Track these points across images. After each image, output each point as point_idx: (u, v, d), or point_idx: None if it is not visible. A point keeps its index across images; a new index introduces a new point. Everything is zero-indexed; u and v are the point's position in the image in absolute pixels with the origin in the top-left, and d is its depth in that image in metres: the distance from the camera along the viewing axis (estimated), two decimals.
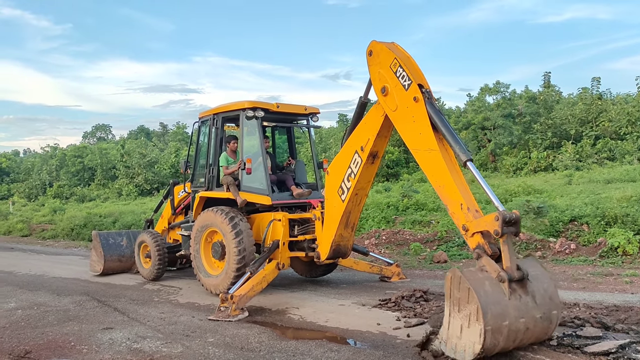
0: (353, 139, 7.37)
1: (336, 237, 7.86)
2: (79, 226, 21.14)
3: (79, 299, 8.84)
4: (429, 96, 6.08)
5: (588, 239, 11.19)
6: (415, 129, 6.15)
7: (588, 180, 20.09)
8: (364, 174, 7.27)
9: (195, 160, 10.20)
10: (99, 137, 77.95)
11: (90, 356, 5.79)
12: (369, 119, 7.10)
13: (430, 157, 5.97)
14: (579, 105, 31.09)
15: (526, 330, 4.94)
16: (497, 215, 5.03)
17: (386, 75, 6.55)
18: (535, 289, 5.08)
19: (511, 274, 4.94)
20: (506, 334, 4.81)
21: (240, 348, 5.90)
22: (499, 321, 4.76)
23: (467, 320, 4.89)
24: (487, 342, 4.70)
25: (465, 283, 4.94)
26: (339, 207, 7.60)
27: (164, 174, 40.23)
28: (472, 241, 5.41)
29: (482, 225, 5.26)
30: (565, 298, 7.50)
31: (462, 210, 5.51)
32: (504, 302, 4.86)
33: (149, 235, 10.53)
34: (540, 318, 5.01)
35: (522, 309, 4.92)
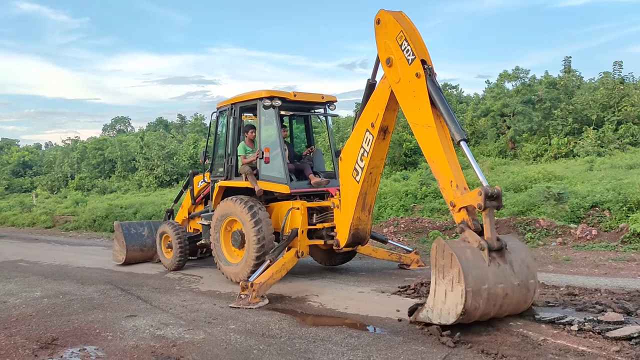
0: (363, 118, 7.45)
1: (354, 221, 7.88)
2: (100, 217, 21.49)
3: (102, 288, 9.02)
4: (430, 73, 6.23)
5: (610, 225, 11.05)
6: (415, 104, 6.33)
7: (610, 166, 19.75)
8: (376, 151, 7.32)
9: (214, 150, 10.28)
10: (119, 129, 78.77)
11: (115, 342, 5.92)
12: (377, 94, 7.19)
13: (426, 133, 6.21)
14: (601, 90, 30.48)
15: (505, 296, 5.40)
16: (480, 190, 5.45)
17: (392, 47, 6.62)
18: (513, 259, 5.54)
19: (491, 244, 5.41)
20: (486, 297, 5.26)
21: (261, 334, 5.98)
22: (479, 284, 5.22)
23: (450, 284, 5.34)
24: (468, 303, 5.15)
25: (448, 250, 5.39)
26: (355, 189, 7.65)
27: (182, 165, 40.54)
28: (457, 216, 5.84)
29: (467, 200, 5.65)
30: (586, 284, 7.45)
31: (452, 187, 5.87)
32: (484, 267, 5.32)
33: (170, 226, 10.67)
34: (518, 285, 5.46)
35: (500, 275, 5.37)
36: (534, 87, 32.32)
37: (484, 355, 4.92)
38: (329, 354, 5.20)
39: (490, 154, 30.55)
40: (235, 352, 5.43)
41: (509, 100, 31.68)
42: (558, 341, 5.16)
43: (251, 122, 9.99)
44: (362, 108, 7.60)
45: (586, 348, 4.93)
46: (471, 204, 5.62)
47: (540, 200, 12.53)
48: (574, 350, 4.92)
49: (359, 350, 5.26)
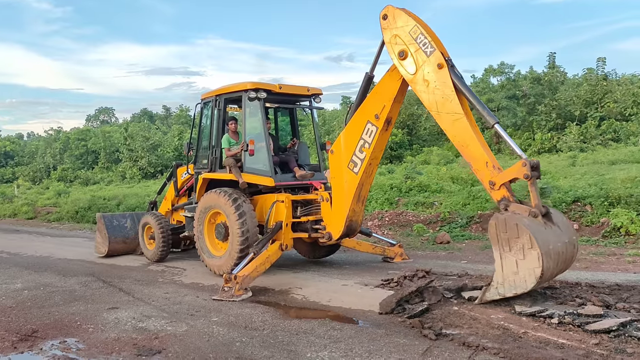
0: (363, 111, 7.58)
1: (350, 213, 7.96)
2: (83, 209, 21.26)
3: (84, 280, 8.93)
4: (451, 64, 6.53)
5: (591, 220, 11.20)
6: (438, 93, 6.54)
7: (592, 161, 20.01)
8: (379, 142, 7.53)
9: (198, 142, 10.20)
10: (102, 120, 77.92)
11: (96, 335, 5.87)
12: (383, 87, 7.36)
13: (455, 120, 6.44)
14: (584, 86, 30.83)
15: (562, 254, 5.82)
16: (524, 162, 5.86)
17: (404, 40, 6.81)
18: (557, 220, 5.99)
19: (541, 209, 5.80)
20: (553, 257, 5.65)
21: (244, 327, 5.97)
22: (547, 246, 5.59)
23: (521, 253, 5.65)
24: (544, 265, 5.49)
25: (511, 221, 5.75)
26: (353, 181, 7.73)
27: (167, 157, 40.25)
28: (497, 194, 6.13)
29: (510, 175, 6.03)
30: (567, 277, 7.54)
31: (488, 167, 6.20)
32: (544, 230, 5.72)
33: (153, 217, 10.58)
34: (568, 242, 5.94)
35: (557, 235, 5.82)
36: (519, 83, 32.61)
37: (465, 347, 4.96)
38: (312, 347, 5.21)
39: None
40: (218, 344, 5.41)
41: (493, 95, 31.93)
42: (538, 334, 5.21)
43: (234, 114, 9.92)
44: (359, 101, 7.69)
45: (566, 341, 4.99)
46: (517, 176, 5.95)
47: (523, 195, 12.62)
48: (554, 342, 4.97)
49: (341, 343, 5.27)
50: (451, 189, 15.23)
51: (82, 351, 5.37)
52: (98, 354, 5.26)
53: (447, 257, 10.19)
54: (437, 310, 6.18)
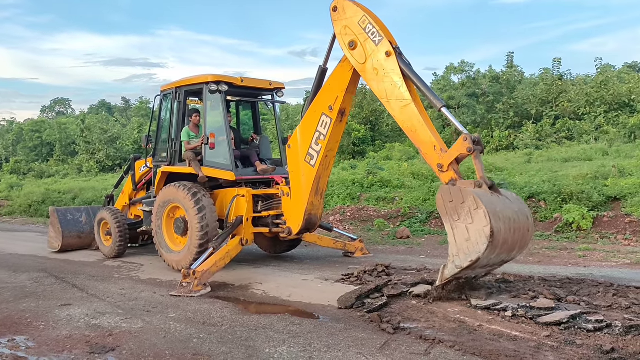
0: (317, 103, 7.63)
1: (308, 206, 7.96)
2: (37, 202, 20.58)
3: (36, 276, 8.64)
4: (399, 52, 6.62)
5: (545, 215, 11.54)
6: (386, 80, 6.63)
7: (547, 158, 20.62)
8: (334, 134, 7.57)
9: (157, 134, 9.99)
10: (58, 111, 75.44)
11: (48, 332, 5.68)
12: (335, 78, 7.45)
13: (404, 106, 6.53)
14: (540, 85, 31.70)
15: (515, 221, 5.76)
16: (465, 136, 5.95)
17: (354, 30, 6.93)
18: (505, 194, 6.06)
19: (485, 181, 5.84)
20: (502, 219, 5.57)
21: (202, 323, 5.89)
22: (494, 207, 5.56)
23: (469, 217, 5.57)
24: (493, 223, 5.38)
25: (454, 188, 5.77)
26: (310, 174, 7.74)
27: (126, 150, 39.32)
28: (446, 176, 6.14)
29: (454, 153, 6.05)
30: (520, 271, 7.76)
31: (436, 151, 6.24)
32: (489, 196, 5.71)
33: (109, 212, 10.32)
34: (519, 211, 5.93)
35: (504, 202, 5.83)
36: (479, 81, 33.26)
37: (422, 340, 5.03)
38: (270, 342, 5.18)
39: None
40: (175, 341, 5.32)
41: (454, 92, 32.48)
42: (492, 327, 5.34)
43: (196, 107, 9.76)
44: (313, 94, 7.74)
45: (519, 333, 5.13)
46: (460, 152, 5.98)
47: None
48: (507, 335, 5.10)
49: (300, 338, 5.27)
50: (412, 185, 15.43)
51: (32, 349, 5.19)
52: (49, 352, 5.09)
53: (406, 251, 10.32)
54: (395, 304, 6.25)
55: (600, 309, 5.78)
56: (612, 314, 5.57)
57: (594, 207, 11.31)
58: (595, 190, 11.75)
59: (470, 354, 4.64)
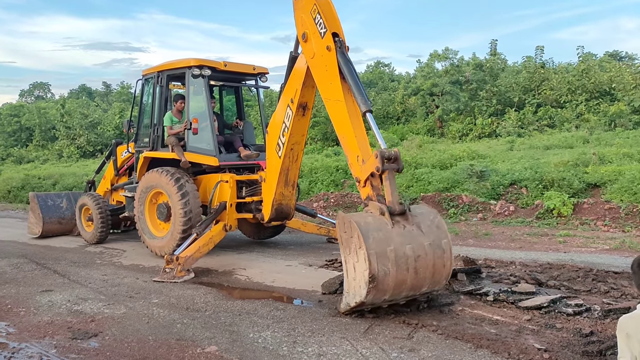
0: (284, 94, 7.34)
1: (277, 196, 7.84)
2: (16, 188, 20.28)
3: (16, 262, 8.52)
4: (340, 45, 6.16)
5: (526, 202, 11.67)
6: (327, 78, 6.26)
7: (529, 146, 20.81)
8: (296, 127, 7.23)
9: (139, 119, 9.86)
10: (37, 95, 73.91)
11: (28, 318, 5.62)
12: (296, 70, 7.10)
13: (336, 107, 6.12)
14: (523, 73, 31.86)
15: (418, 258, 5.05)
16: (376, 153, 5.33)
17: (307, 21, 6.52)
18: (420, 220, 5.28)
19: (392, 207, 5.20)
20: (394, 259, 4.91)
21: (185, 308, 5.87)
22: (383, 245, 4.92)
23: (355, 255, 5.00)
24: (373, 267, 4.80)
25: (347, 220, 5.13)
26: (277, 164, 7.58)
27: (107, 135, 38.76)
28: (363, 192, 5.65)
29: (368, 169, 5.47)
30: (502, 257, 7.85)
31: (358, 162, 5.70)
32: (387, 229, 5.04)
33: (91, 198, 10.20)
34: (430, 245, 5.15)
35: (407, 236, 5.08)
36: (462, 68, 33.33)
37: (405, 325, 5.07)
38: (254, 327, 5.19)
39: (419, 132, 31.33)
40: (158, 326, 5.29)
41: (438, 80, 32.52)
42: (475, 311, 5.40)
43: (178, 92, 9.64)
44: (284, 82, 7.46)
45: (500, 317, 5.20)
46: (371, 170, 5.43)
47: (464, 178, 13.02)
48: (489, 319, 5.17)
49: (284, 323, 5.28)
50: None
51: (13, 335, 5.13)
52: (30, 338, 5.04)
53: None
54: None
55: (580, 293, 5.89)
56: (591, 298, 5.68)
57: (574, 194, 11.46)
58: (575, 177, 11.91)
59: (453, 338, 4.70)
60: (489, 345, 4.50)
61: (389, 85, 42.42)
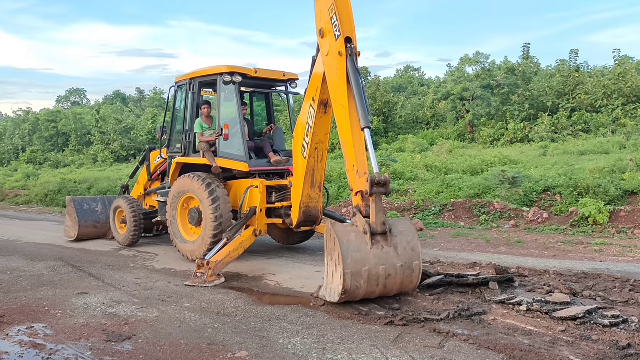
0: (307, 94, 7.44)
1: (304, 198, 7.87)
2: (53, 192, 20.81)
3: (53, 265, 8.76)
4: (352, 52, 6.25)
5: (560, 209, 11.43)
6: (336, 81, 6.40)
7: (563, 152, 20.41)
8: (318, 126, 7.32)
9: (172, 125, 10.04)
10: (73, 101, 76.03)
11: (65, 320, 5.76)
12: (316, 69, 7.18)
13: (341, 113, 6.30)
14: (557, 77, 31.32)
15: (388, 277, 5.69)
16: (367, 177, 5.72)
17: (324, 18, 6.58)
18: (398, 242, 5.81)
19: (375, 228, 5.68)
20: (367, 277, 5.58)
21: (216, 313, 5.93)
22: (359, 266, 5.54)
23: (334, 266, 5.70)
24: (347, 283, 5.52)
25: (332, 234, 5.71)
26: (303, 165, 7.63)
27: (140, 140, 39.60)
28: (354, 200, 6.04)
29: (359, 186, 5.92)
30: (536, 265, 7.70)
31: (353, 171, 6.08)
32: (365, 250, 5.61)
33: (125, 200, 10.42)
34: (401, 267, 5.75)
35: (382, 258, 5.67)
36: (494, 73, 32.93)
37: (435, 334, 5.02)
38: (284, 333, 5.21)
39: (449, 137, 31.05)
40: (190, 330, 5.37)
41: (469, 84, 32.20)
42: (507, 321, 5.31)
43: (208, 98, 9.77)
44: (307, 85, 7.56)
45: (534, 328, 5.10)
46: (361, 189, 5.84)
47: (495, 184, 12.84)
48: (522, 329, 5.07)
49: (314, 329, 5.28)
50: (425, 177, 15.36)
51: (50, 337, 5.27)
52: (66, 340, 5.16)
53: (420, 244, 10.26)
54: (408, 296, 6.23)
55: (617, 304, 5.73)
56: (629, 310, 5.53)
57: (610, 201, 11.18)
58: (612, 184, 11.61)
59: (485, 348, 4.63)
60: (523, 356, 4.41)
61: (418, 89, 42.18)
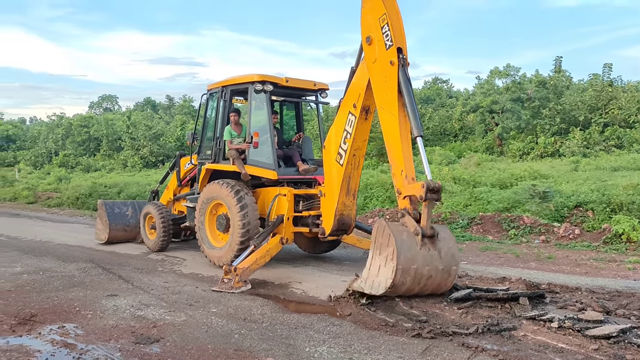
0: (345, 102, 7.64)
1: (339, 206, 7.90)
2: (84, 195, 21.25)
3: (84, 266, 8.93)
4: (403, 63, 6.46)
5: (592, 225, 11.18)
6: (385, 88, 6.58)
7: (595, 167, 19.96)
8: (359, 132, 7.49)
9: (203, 132, 10.18)
10: (105, 107, 77.74)
11: (95, 321, 5.86)
12: (359, 75, 7.37)
13: (389, 120, 6.53)
14: (589, 91, 30.74)
15: (429, 277, 6.04)
16: (423, 183, 5.93)
17: (373, 26, 6.75)
18: (441, 246, 6.14)
19: (425, 231, 5.98)
20: (413, 275, 5.90)
21: (242, 319, 5.96)
22: (409, 264, 5.85)
23: (384, 260, 5.95)
24: (397, 278, 5.79)
25: (387, 230, 5.99)
26: (339, 173, 7.70)
27: (169, 146, 40.22)
28: (401, 203, 6.32)
29: (411, 190, 6.14)
30: (567, 282, 7.54)
31: (402, 175, 6.33)
32: (415, 250, 5.93)
33: (154, 207, 10.58)
34: (442, 269, 6.10)
35: (428, 259, 5.99)
36: (524, 86, 32.50)
37: (464, 348, 4.95)
38: (310, 341, 5.20)
39: (477, 149, 30.71)
40: (216, 335, 5.40)
41: (498, 97, 31.82)
42: (538, 337, 5.20)
43: (237, 106, 9.88)
44: (344, 95, 7.70)
45: (565, 345, 4.98)
46: (414, 194, 6.08)
47: (525, 198, 12.63)
48: (554, 347, 4.96)
49: (340, 339, 5.26)
50: (453, 190, 15.20)
51: (81, 337, 5.37)
52: (96, 341, 5.25)
53: None
54: (435, 309, 6.16)
55: None
56: None
57: None
58: None
59: None
60: None
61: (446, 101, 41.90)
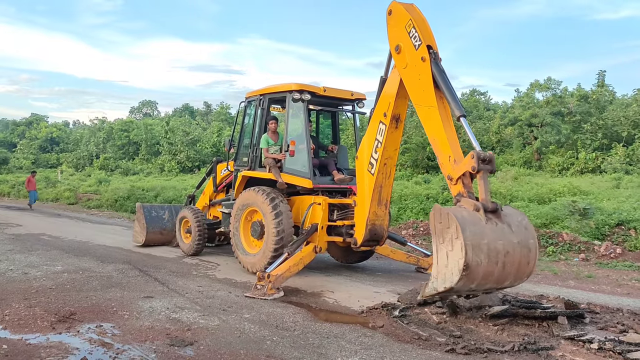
0: (376, 112, 7.69)
1: (370, 215, 7.87)
2: (122, 198, 21.77)
3: (121, 267, 9.13)
4: (435, 57, 6.55)
5: (635, 245, 10.82)
6: (420, 86, 6.67)
7: (638, 184, 19.35)
8: (389, 141, 7.52)
9: (240, 139, 10.30)
10: (145, 113, 79.65)
11: (131, 322, 5.98)
12: (389, 84, 7.48)
13: (429, 113, 6.50)
14: (633, 106, 29.88)
15: (507, 254, 5.44)
16: (472, 153, 5.68)
17: (400, 35, 6.94)
18: (510, 220, 5.65)
19: (486, 204, 5.56)
20: (486, 251, 5.31)
21: (275, 326, 5.99)
22: (478, 238, 5.31)
23: (450, 244, 5.40)
24: (468, 257, 5.20)
25: (445, 211, 5.55)
26: (370, 182, 7.70)
27: (205, 152, 40.87)
28: (455, 189, 6.02)
29: (462, 168, 5.84)
30: (608, 302, 7.31)
31: (450, 161, 6.09)
32: (481, 224, 5.43)
33: (190, 211, 10.75)
34: (518, 243, 5.52)
35: (499, 233, 5.46)
36: (565, 99, 31.81)
37: None
38: (342, 351, 5.18)
39: (514, 163, 30.15)
40: (249, 341, 5.44)
41: (538, 110, 31.22)
42: (576, 358, 5.05)
43: (275, 114, 9.97)
44: (375, 105, 7.77)
45: None
46: (466, 169, 5.77)
47: (564, 214, 12.32)
48: None
49: (372, 350, 5.23)
50: None
51: (117, 337, 5.49)
52: (132, 341, 5.36)
53: None
54: (470, 324, 6.06)
55: None
56: None
57: None
58: None
59: None
60: None
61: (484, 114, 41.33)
